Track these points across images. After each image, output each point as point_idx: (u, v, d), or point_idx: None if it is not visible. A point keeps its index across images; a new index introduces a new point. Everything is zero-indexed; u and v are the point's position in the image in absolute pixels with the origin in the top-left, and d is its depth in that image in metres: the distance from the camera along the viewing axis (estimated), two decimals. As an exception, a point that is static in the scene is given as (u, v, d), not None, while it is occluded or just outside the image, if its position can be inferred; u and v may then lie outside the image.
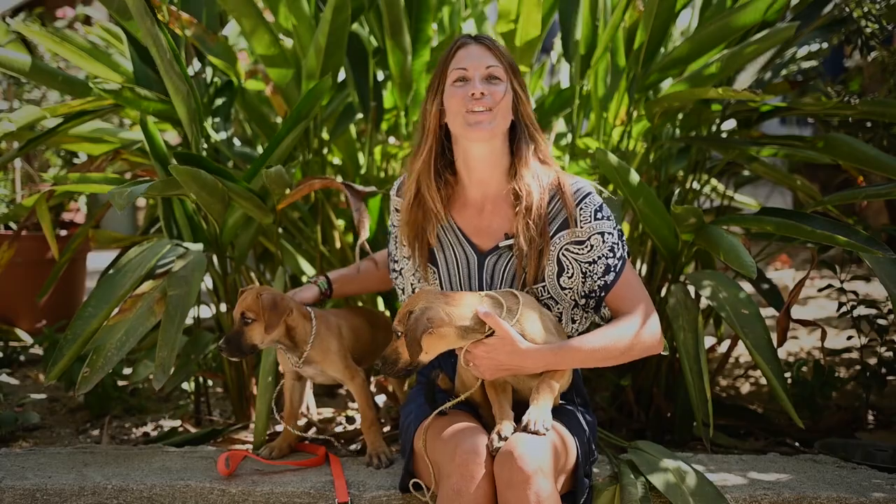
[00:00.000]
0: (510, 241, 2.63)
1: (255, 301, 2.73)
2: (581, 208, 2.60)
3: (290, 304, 2.78)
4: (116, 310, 2.93)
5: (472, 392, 2.57)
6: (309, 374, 2.97)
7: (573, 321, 2.67)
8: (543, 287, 2.63)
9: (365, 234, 3.17)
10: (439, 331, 2.36)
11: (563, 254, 2.61)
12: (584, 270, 2.61)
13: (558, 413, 2.54)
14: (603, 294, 2.62)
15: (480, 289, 2.67)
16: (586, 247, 2.60)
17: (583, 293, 2.64)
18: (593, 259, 2.59)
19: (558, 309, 2.65)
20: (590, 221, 2.59)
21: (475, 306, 2.40)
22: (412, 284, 2.79)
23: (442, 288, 2.71)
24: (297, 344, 2.84)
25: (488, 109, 2.56)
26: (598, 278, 2.60)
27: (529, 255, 2.59)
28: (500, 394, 2.51)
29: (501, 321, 2.38)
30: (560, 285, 2.63)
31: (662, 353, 2.76)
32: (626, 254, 2.64)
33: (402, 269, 2.82)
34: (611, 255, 2.60)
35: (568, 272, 2.61)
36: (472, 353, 2.42)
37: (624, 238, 2.67)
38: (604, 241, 2.59)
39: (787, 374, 3.61)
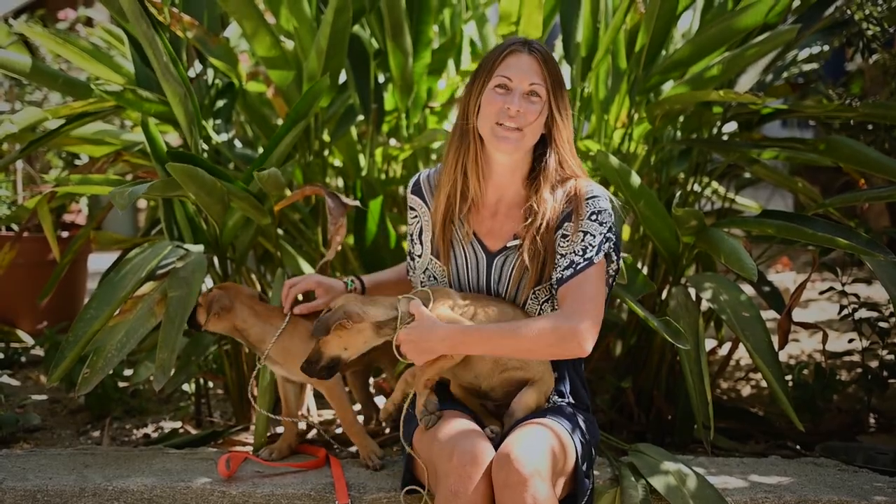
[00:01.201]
0: (517, 242, 2.63)
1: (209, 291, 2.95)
2: (584, 205, 2.58)
3: (226, 303, 2.88)
4: (118, 311, 2.94)
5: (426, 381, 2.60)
6: (281, 374, 3.00)
7: None
8: (550, 286, 2.64)
9: (333, 253, 3.17)
10: (356, 326, 2.53)
11: (557, 248, 2.60)
12: (556, 262, 2.60)
13: (559, 414, 2.54)
14: (557, 287, 2.57)
15: (488, 288, 2.69)
16: (568, 241, 2.57)
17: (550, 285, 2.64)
18: (564, 253, 2.57)
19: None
20: (583, 219, 2.57)
21: (391, 306, 2.57)
22: (421, 282, 2.78)
23: (450, 285, 2.72)
24: (252, 343, 2.91)
25: (518, 129, 2.55)
26: (559, 271, 2.56)
27: (532, 265, 2.59)
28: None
29: (421, 307, 2.52)
30: None
31: (682, 346, 2.76)
32: (595, 259, 2.53)
33: (415, 266, 2.82)
34: (580, 252, 2.54)
35: None
36: (399, 338, 2.51)
37: (609, 249, 2.58)
38: (582, 240, 2.55)
39: (788, 377, 3.61)
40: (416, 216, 2.81)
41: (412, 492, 2.56)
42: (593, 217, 2.57)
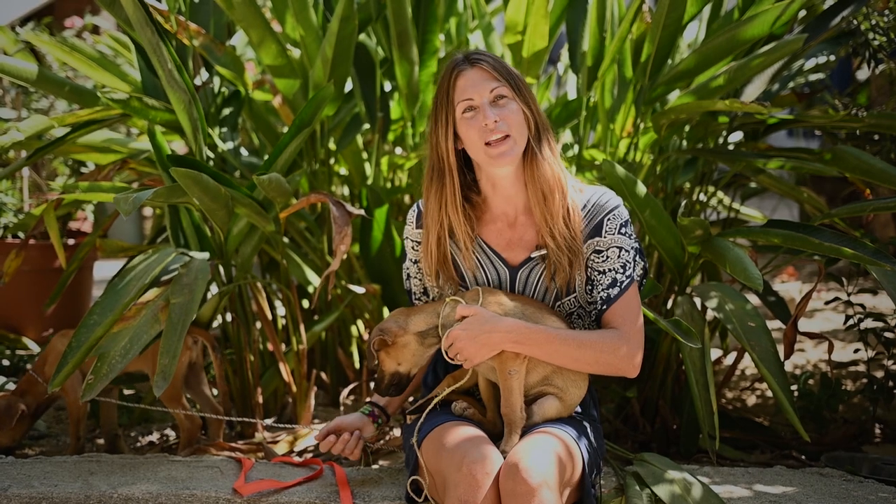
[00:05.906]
0: (542, 252, 2.60)
1: None
2: (609, 219, 2.58)
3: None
4: (122, 317, 2.94)
5: (459, 385, 2.60)
6: None
7: None
8: (575, 298, 2.63)
9: (338, 263, 3.16)
10: (399, 340, 2.51)
11: (588, 262, 2.60)
12: (593, 279, 2.60)
13: (567, 423, 2.53)
14: (604, 307, 2.58)
15: None
16: (603, 257, 2.58)
17: (588, 301, 2.64)
18: (604, 270, 2.58)
19: (588, 320, 2.67)
20: (613, 234, 2.57)
21: (434, 312, 2.53)
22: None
23: None
24: None
25: (505, 136, 2.51)
26: (602, 290, 2.58)
27: (562, 266, 2.57)
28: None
29: (472, 306, 2.46)
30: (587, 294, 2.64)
31: (693, 345, 2.76)
32: (635, 276, 2.60)
33: (438, 297, 2.76)
34: (621, 270, 2.57)
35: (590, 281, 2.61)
36: (452, 334, 2.44)
37: (640, 261, 2.64)
38: (619, 256, 2.57)
39: (794, 387, 3.60)
40: None
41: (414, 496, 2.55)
42: (623, 230, 2.58)
